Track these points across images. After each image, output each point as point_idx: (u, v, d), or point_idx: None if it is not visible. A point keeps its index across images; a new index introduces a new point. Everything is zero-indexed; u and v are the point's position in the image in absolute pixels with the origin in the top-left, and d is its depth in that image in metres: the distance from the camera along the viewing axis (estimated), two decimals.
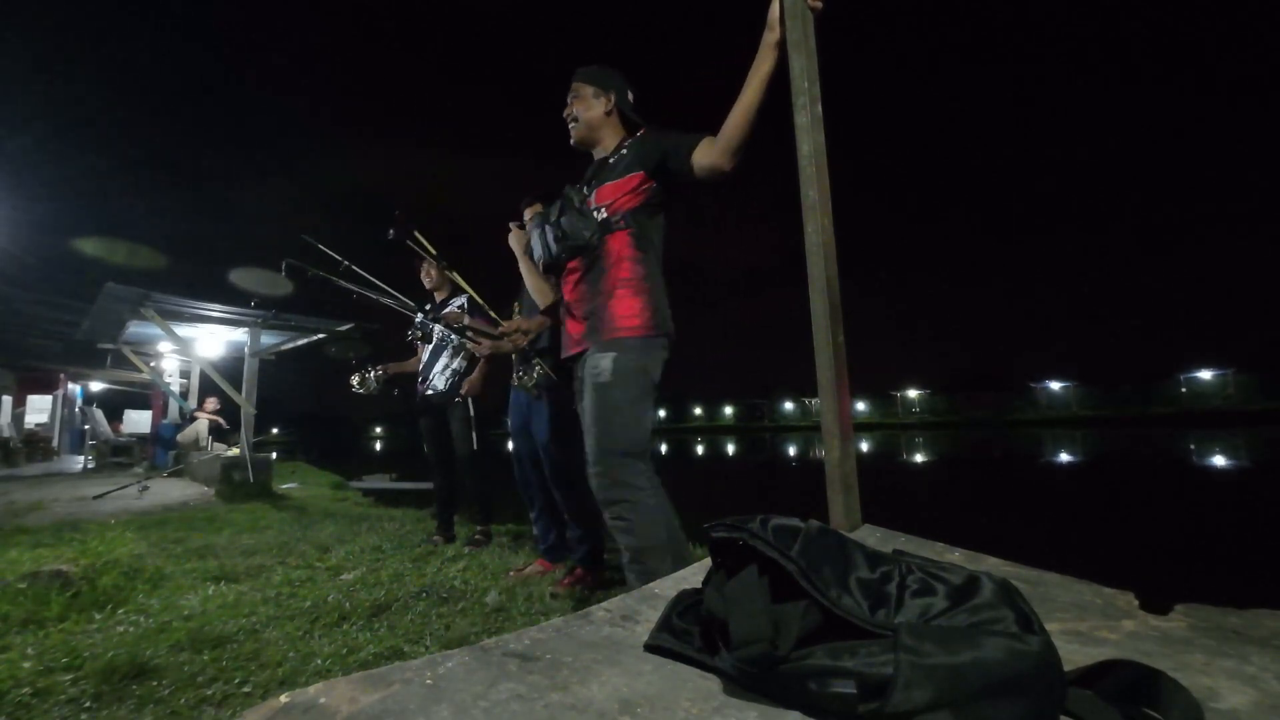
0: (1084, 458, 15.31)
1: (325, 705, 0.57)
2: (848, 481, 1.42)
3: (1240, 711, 0.59)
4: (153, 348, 9.30)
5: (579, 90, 1.78)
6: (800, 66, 1.47)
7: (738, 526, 0.69)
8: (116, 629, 1.87)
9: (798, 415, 61.85)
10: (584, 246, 1.63)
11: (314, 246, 2.59)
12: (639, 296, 1.59)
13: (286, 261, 2.42)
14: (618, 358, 1.54)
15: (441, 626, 1.87)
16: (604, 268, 1.62)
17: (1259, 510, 6.88)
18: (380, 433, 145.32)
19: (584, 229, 1.63)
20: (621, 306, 1.58)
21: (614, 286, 1.60)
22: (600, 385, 1.53)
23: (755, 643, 0.60)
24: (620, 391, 1.52)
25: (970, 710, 0.53)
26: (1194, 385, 37.27)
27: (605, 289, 1.61)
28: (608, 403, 1.53)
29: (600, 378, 1.54)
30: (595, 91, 1.77)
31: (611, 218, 1.63)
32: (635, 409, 1.53)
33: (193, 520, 4.12)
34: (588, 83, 1.77)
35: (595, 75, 1.78)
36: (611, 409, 1.52)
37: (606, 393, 1.53)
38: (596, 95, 1.77)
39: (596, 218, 1.64)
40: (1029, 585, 0.91)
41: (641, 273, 1.61)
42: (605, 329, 1.58)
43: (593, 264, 1.64)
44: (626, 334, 1.56)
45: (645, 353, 1.57)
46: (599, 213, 1.65)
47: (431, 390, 3.34)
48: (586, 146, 1.81)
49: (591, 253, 1.64)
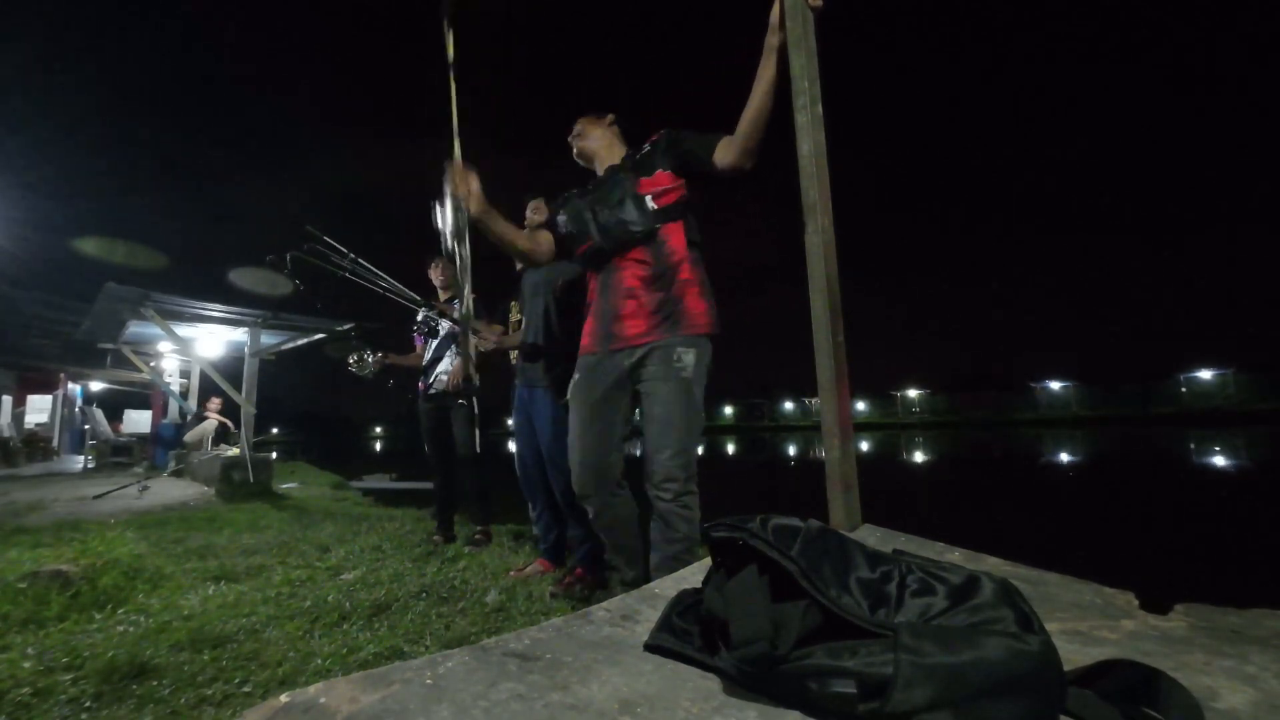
0: (1084, 458, 15.30)
1: (325, 705, 0.57)
2: (848, 481, 1.42)
3: (1240, 711, 0.59)
4: (153, 348, 9.30)
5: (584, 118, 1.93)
6: (800, 66, 1.47)
7: (738, 526, 0.70)
8: (116, 629, 1.87)
9: (798, 415, 61.84)
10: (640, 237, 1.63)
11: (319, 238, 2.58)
12: (704, 299, 1.63)
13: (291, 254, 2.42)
14: (700, 354, 1.58)
15: (441, 626, 1.87)
16: (671, 262, 1.62)
17: (1259, 510, 6.88)
18: (380, 433, 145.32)
19: (637, 219, 1.63)
20: (697, 304, 1.61)
21: (686, 284, 1.61)
22: (685, 380, 1.56)
23: (755, 642, 0.60)
24: (699, 388, 1.58)
25: (970, 710, 0.53)
26: (1194, 385, 37.25)
27: (677, 285, 1.61)
28: (691, 397, 1.57)
29: (684, 372, 1.56)
30: (596, 117, 1.93)
31: (663, 208, 1.64)
32: (701, 405, 1.61)
33: (193, 520, 4.12)
34: (589, 115, 1.94)
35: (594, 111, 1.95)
36: (692, 403, 1.57)
37: (691, 388, 1.56)
38: (598, 119, 1.93)
39: (652, 207, 1.64)
40: (1029, 585, 0.91)
41: (703, 273, 1.66)
42: (685, 325, 1.59)
43: (656, 253, 1.63)
44: (704, 330, 1.60)
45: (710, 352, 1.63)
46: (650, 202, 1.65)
47: (434, 389, 3.33)
48: (587, 160, 1.91)
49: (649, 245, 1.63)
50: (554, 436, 2.39)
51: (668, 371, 1.57)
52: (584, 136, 1.90)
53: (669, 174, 1.66)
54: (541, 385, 2.46)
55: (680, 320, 1.59)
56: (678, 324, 1.59)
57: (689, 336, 1.58)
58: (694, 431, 1.58)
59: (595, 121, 1.92)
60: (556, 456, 2.41)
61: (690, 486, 1.57)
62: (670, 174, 1.66)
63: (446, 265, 3.36)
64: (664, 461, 1.56)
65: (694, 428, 1.58)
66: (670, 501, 1.57)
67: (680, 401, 1.57)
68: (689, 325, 1.59)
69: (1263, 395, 32.28)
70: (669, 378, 1.57)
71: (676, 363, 1.57)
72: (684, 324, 1.59)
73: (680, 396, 1.57)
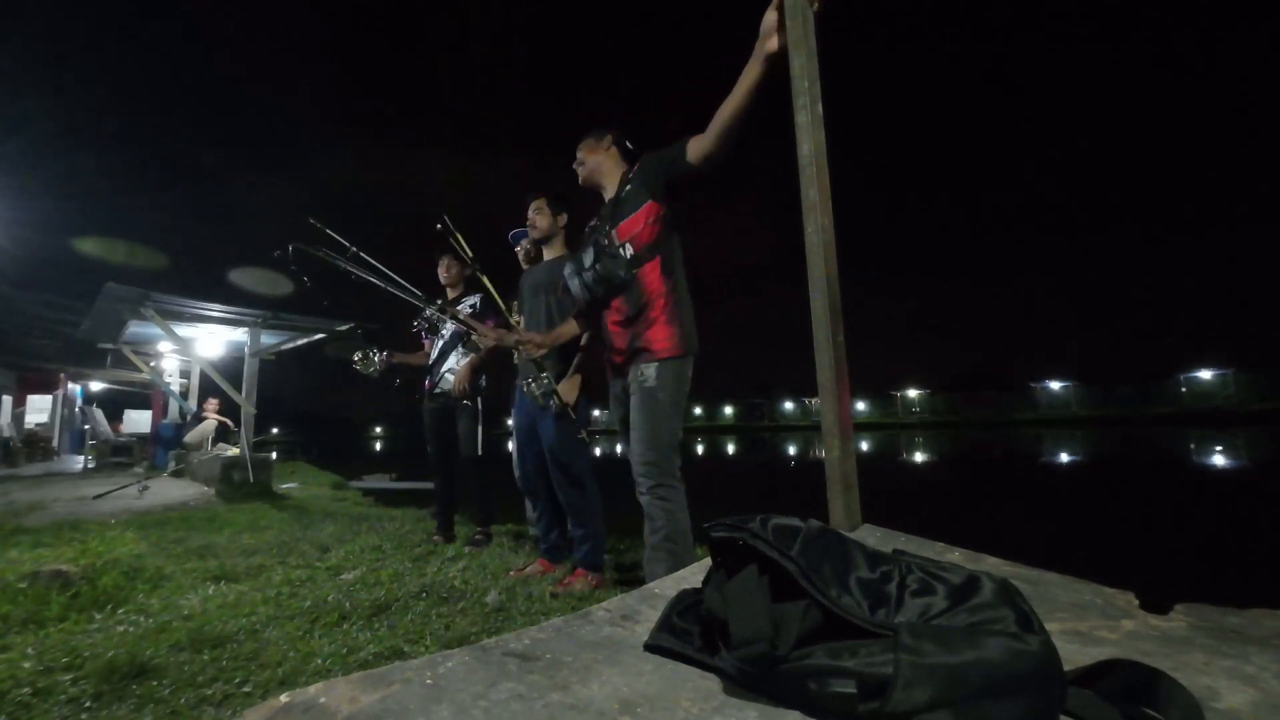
0: (1084, 457, 15.30)
1: (325, 705, 0.57)
2: (848, 481, 1.42)
3: (1240, 711, 0.59)
4: (153, 348, 9.30)
5: (584, 143, 2.06)
6: (800, 66, 1.47)
7: (738, 526, 0.69)
8: (116, 629, 1.87)
9: (798, 415, 61.82)
10: (621, 286, 1.84)
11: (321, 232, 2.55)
12: (671, 324, 1.80)
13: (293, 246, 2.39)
14: (660, 365, 1.78)
15: (441, 626, 1.87)
16: (642, 303, 1.82)
17: (1259, 510, 6.88)
18: (380, 433, 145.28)
19: (617, 270, 1.82)
20: (660, 333, 1.80)
21: (652, 320, 1.81)
22: (647, 389, 1.77)
23: (755, 642, 0.60)
24: (664, 394, 1.76)
25: (970, 710, 0.53)
26: (1194, 385, 37.24)
27: (644, 322, 1.82)
28: (655, 403, 1.76)
29: (646, 383, 1.78)
30: (595, 140, 2.05)
31: (639, 253, 1.83)
32: (675, 409, 1.78)
33: (193, 520, 4.12)
34: (589, 137, 2.06)
35: (594, 132, 2.06)
36: (657, 409, 1.76)
37: (653, 395, 1.76)
38: (598, 140, 2.05)
39: (625, 255, 1.84)
40: (1029, 585, 0.91)
41: (673, 301, 1.82)
42: (646, 356, 1.81)
43: (631, 299, 1.84)
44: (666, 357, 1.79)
45: (680, 366, 1.80)
46: (625, 249, 1.84)
47: (439, 389, 3.33)
48: (593, 185, 2.07)
49: (628, 289, 1.84)
50: (557, 437, 2.39)
51: (634, 386, 1.81)
52: (584, 165, 2.05)
53: (652, 204, 1.81)
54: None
55: (643, 353, 1.81)
56: (641, 355, 1.82)
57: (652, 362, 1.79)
58: (661, 433, 1.75)
59: (594, 148, 2.04)
60: (560, 456, 2.40)
61: (663, 480, 1.74)
62: (653, 203, 1.81)
63: (452, 263, 3.35)
64: (635, 462, 1.78)
65: (660, 430, 1.75)
66: (645, 495, 1.77)
67: (643, 408, 1.77)
68: (649, 356, 1.80)
69: (1263, 395, 32.28)
70: (634, 391, 1.81)
71: (640, 377, 1.80)
72: (645, 356, 1.81)
73: (643, 404, 1.77)
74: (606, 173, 2.03)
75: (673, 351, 1.78)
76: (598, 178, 2.05)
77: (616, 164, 2.03)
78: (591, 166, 2.05)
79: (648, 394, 1.77)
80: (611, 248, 1.84)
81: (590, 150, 2.05)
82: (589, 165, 2.05)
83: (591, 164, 2.04)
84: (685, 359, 1.81)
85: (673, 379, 1.77)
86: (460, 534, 3.40)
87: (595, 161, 2.04)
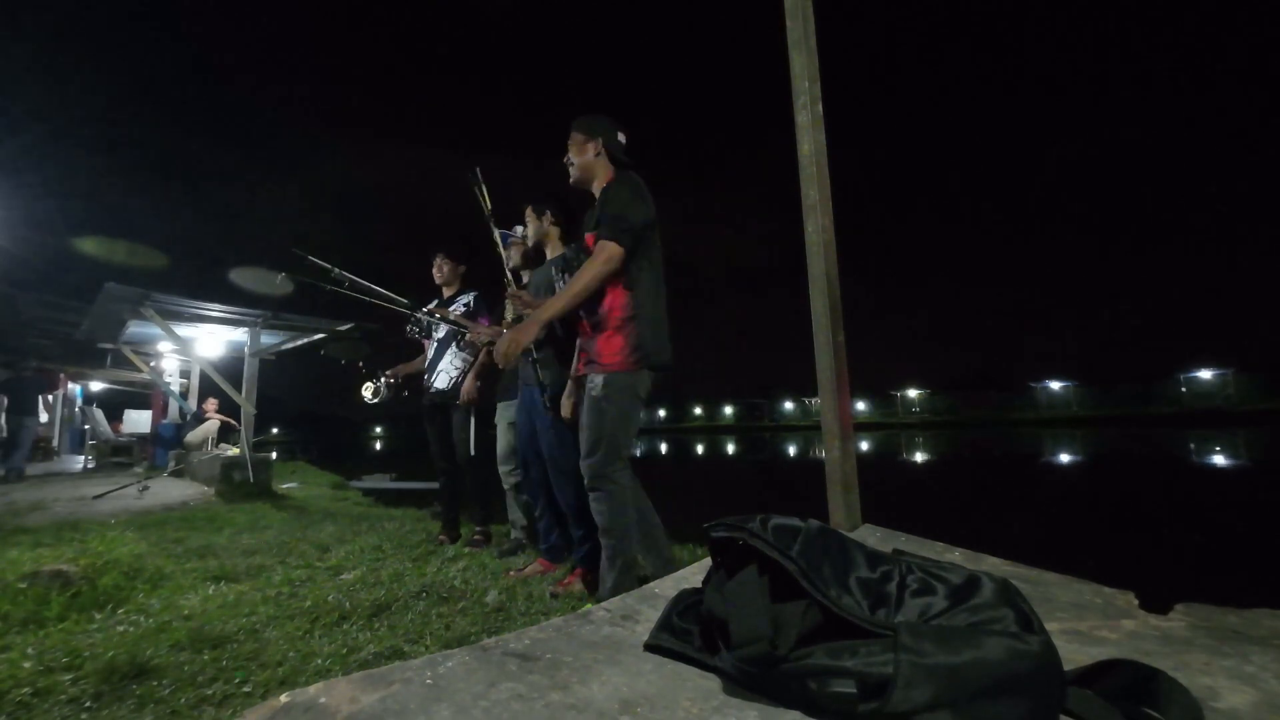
0: (1084, 457, 15.30)
1: (326, 705, 0.57)
2: (848, 481, 1.42)
3: (1240, 711, 0.59)
4: (153, 348, 9.30)
5: (573, 137, 2.04)
6: (800, 66, 1.47)
7: (738, 526, 0.69)
8: (116, 629, 1.87)
9: (798, 415, 61.81)
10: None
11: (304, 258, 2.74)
12: (623, 336, 1.85)
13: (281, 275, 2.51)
14: (607, 378, 1.84)
15: (441, 626, 1.87)
16: (599, 312, 1.89)
17: (1259, 510, 6.88)
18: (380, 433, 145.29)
19: None
20: (608, 345, 1.86)
21: (606, 331, 1.87)
22: (594, 398, 1.84)
23: (755, 642, 0.60)
24: (608, 404, 1.83)
25: (970, 709, 0.53)
26: (1194, 385, 37.24)
27: (602, 336, 1.88)
28: (600, 412, 1.83)
29: (594, 391, 1.85)
30: (585, 138, 2.02)
31: None
32: (620, 418, 1.84)
33: (193, 520, 4.12)
34: (579, 130, 2.03)
35: (585, 124, 2.03)
36: (602, 416, 1.83)
37: (599, 404, 1.84)
38: (586, 141, 2.02)
39: None
40: (1029, 585, 0.91)
41: (628, 314, 1.86)
42: (594, 364, 1.88)
43: (591, 307, 1.89)
44: (612, 370, 1.84)
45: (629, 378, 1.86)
46: None
47: (434, 389, 3.33)
48: (584, 187, 2.07)
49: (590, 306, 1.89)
50: (557, 439, 2.39)
51: (585, 392, 1.90)
52: (574, 167, 2.05)
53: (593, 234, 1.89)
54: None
55: (594, 361, 1.90)
56: (592, 364, 1.90)
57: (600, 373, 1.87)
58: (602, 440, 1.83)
59: (580, 149, 2.03)
60: (559, 458, 2.40)
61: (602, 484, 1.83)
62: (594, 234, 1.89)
63: (444, 261, 3.37)
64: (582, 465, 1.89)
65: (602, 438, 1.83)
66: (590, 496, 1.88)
67: (588, 414, 1.86)
68: (600, 366, 1.87)
69: (1263, 395, 32.28)
70: (586, 399, 1.90)
71: (589, 385, 1.88)
72: (597, 365, 1.88)
73: (589, 411, 1.86)
74: (593, 175, 2.02)
75: (622, 365, 1.84)
76: (587, 180, 2.04)
77: (605, 167, 2.01)
78: (580, 168, 2.03)
79: (594, 402, 1.84)
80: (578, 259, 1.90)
81: (579, 149, 2.03)
82: (577, 166, 2.03)
83: (580, 164, 2.03)
84: (636, 373, 1.85)
85: (619, 391, 1.83)
86: (461, 534, 3.40)
87: (583, 163, 2.02)
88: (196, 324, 7.37)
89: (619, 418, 1.84)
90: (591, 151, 2.01)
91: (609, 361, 1.85)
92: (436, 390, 3.32)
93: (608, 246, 1.79)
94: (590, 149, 2.01)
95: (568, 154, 2.05)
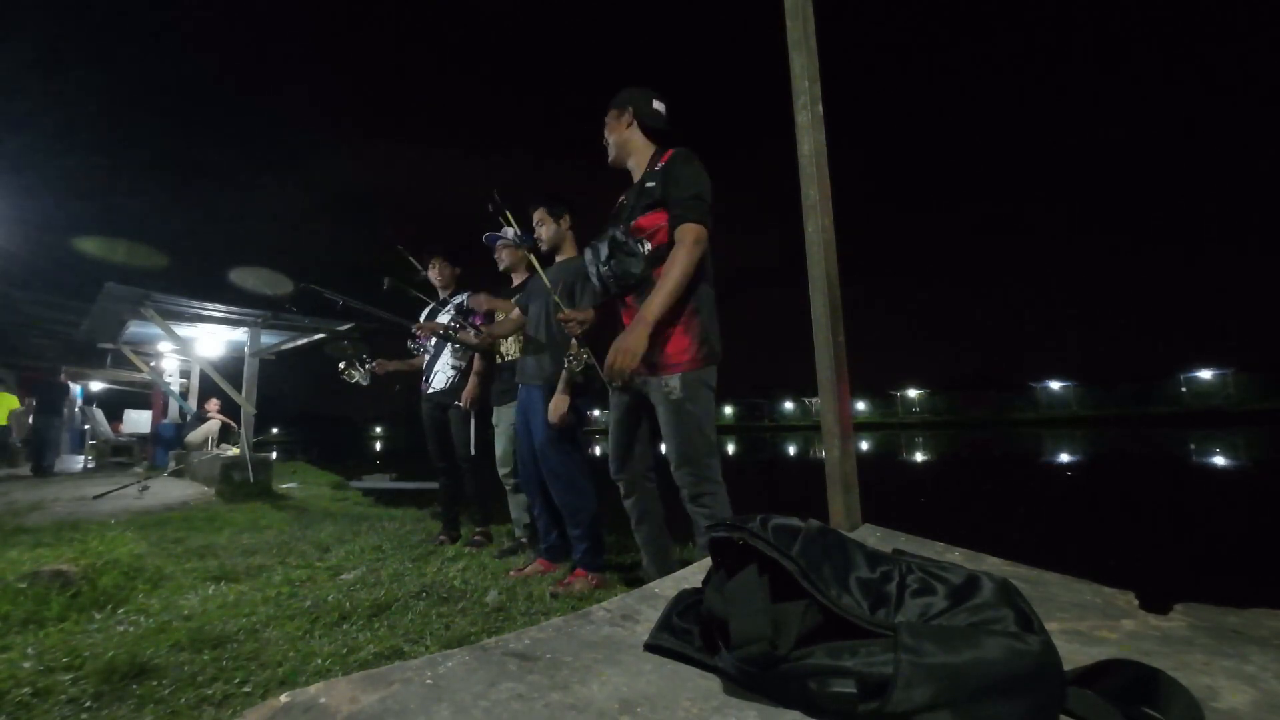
0: (1084, 457, 15.30)
1: (325, 705, 0.57)
2: (848, 481, 1.42)
3: (1240, 711, 0.59)
4: (153, 348, 9.30)
5: (608, 118, 1.90)
6: (800, 66, 1.47)
7: (738, 526, 0.69)
8: (116, 629, 1.87)
9: (798, 415, 61.82)
10: (636, 283, 1.74)
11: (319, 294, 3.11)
12: (688, 334, 1.70)
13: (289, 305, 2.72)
14: (684, 378, 1.68)
15: (441, 626, 1.87)
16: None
17: (1259, 510, 6.88)
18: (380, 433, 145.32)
19: (631, 268, 1.72)
20: (673, 344, 1.70)
21: (669, 326, 1.69)
22: (674, 401, 1.68)
23: (755, 642, 0.60)
24: (693, 405, 1.68)
25: (970, 709, 0.53)
26: (1194, 385, 37.26)
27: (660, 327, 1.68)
28: (684, 414, 1.68)
29: (673, 395, 1.68)
30: (617, 112, 1.87)
31: (659, 250, 1.71)
32: (706, 417, 1.71)
33: (193, 520, 4.12)
34: (612, 107, 1.89)
35: (616, 99, 1.89)
36: (687, 419, 1.68)
37: (681, 408, 1.68)
38: (619, 115, 1.87)
39: (643, 251, 1.72)
40: (1029, 585, 0.91)
41: (690, 307, 1.70)
42: (662, 365, 1.70)
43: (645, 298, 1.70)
44: (682, 370, 1.69)
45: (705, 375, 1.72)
46: (643, 245, 1.72)
47: (433, 389, 3.34)
48: (620, 165, 1.91)
49: (643, 289, 1.72)
50: (549, 438, 2.39)
51: (660, 396, 1.72)
52: (610, 146, 1.91)
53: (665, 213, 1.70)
54: (536, 383, 2.47)
55: (660, 363, 1.70)
56: (658, 366, 1.70)
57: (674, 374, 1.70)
58: (694, 443, 1.68)
59: (614, 124, 1.89)
60: (550, 456, 2.40)
61: (705, 489, 1.67)
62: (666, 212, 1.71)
63: (443, 264, 3.41)
64: (674, 473, 1.72)
65: (692, 440, 1.68)
66: (689, 504, 1.71)
67: (671, 421, 1.70)
68: (667, 367, 1.69)
69: (1263, 395, 32.28)
70: (661, 402, 1.72)
71: (665, 388, 1.70)
72: (663, 366, 1.70)
73: (671, 416, 1.70)
74: (632, 152, 1.86)
75: (695, 363, 1.70)
76: (624, 158, 1.89)
77: (644, 143, 1.86)
78: (615, 145, 1.88)
79: (676, 406, 1.69)
80: (628, 244, 1.72)
81: (612, 127, 1.88)
82: (612, 145, 1.89)
83: (614, 142, 1.88)
84: (708, 369, 1.73)
85: (698, 389, 1.70)
86: (461, 534, 3.41)
87: (618, 140, 1.87)
88: (196, 324, 7.38)
89: (706, 416, 1.71)
90: (624, 124, 1.87)
91: (680, 360, 1.70)
92: (435, 390, 3.33)
93: (695, 229, 1.63)
94: (623, 122, 1.87)
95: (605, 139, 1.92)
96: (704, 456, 1.69)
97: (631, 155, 1.87)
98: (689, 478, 1.68)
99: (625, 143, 1.87)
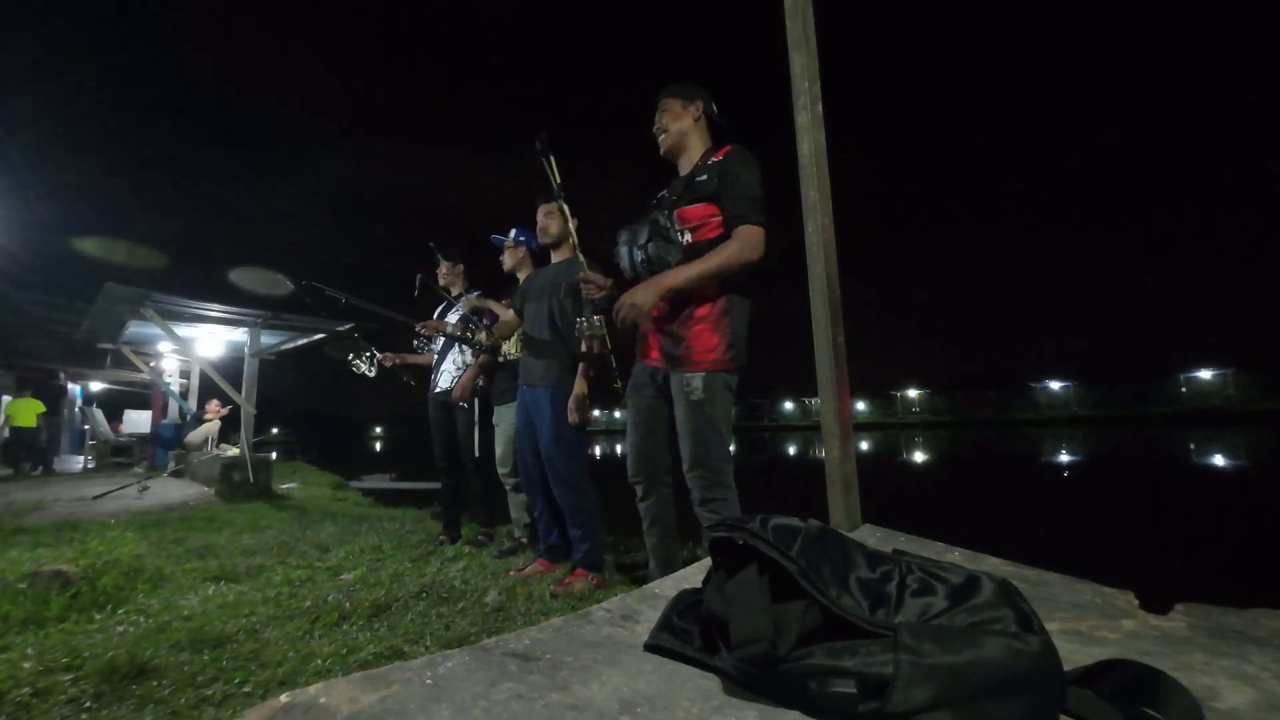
0: (1084, 457, 15.30)
1: (325, 705, 0.57)
2: (848, 481, 1.42)
3: (1240, 711, 0.59)
4: (153, 348, 9.30)
5: (668, 105, 1.86)
6: (800, 66, 1.47)
7: (738, 526, 0.69)
8: (116, 629, 1.87)
9: (798, 415, 61.82)
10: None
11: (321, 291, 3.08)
12: (717, 333, 1.68)
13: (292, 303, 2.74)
14: (707, 378, 1.67)
15: (441, 626, 1.87)
16: (687, 301, 1.70)
17: (1259, 510, 6.88)
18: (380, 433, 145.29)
19: (668, 257, 1.70)
20: (700, 342, 1.68)
21: (698, 323, 1.69)
22: (695, 402, 1.67)
23: (755, 642, 0.60)
24: (712, 408, 1.67)
25: (970, 710, 0.53)
26: (1194, 385, 37.27)
27: (689, 323, 1.70)
28: (703, 416, 1.67)
29: (694, 395, 1.67)
30: (683, 103, 1.85)
31: (698, 244, 1.69)
32: (725, 421, 1.70)
33: (193, 520, 4.12)
34: (675, 96, 1.86)
35: (682, 90, 1.87)
36: (705, 421, 1.67)
37: (701, 409, 1.67)
38: (684, 105, 1.85)
39: (682, 242, 1.70)
40: (1029, 585, 0.91)
41: (722, 306, 1.69)
42: (686, 361, 1.69)
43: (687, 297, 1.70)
44: (706, 369, 1.68)
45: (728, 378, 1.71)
46: (684, 236, 1.71)
47: (439, 388, 3.34)
48: (675, 156, 1.88)
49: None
50: (553, 438, 2.39)
51: (681, 395, 1.70)
52: (667, 133, 1.85)
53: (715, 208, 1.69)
54: (542, 385, 2.46)
55: (684, 359, 1.69)
56: (681, 361, 1.70)
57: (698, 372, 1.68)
58: (710, 446, 1.67)
59: (679, 114, 1.85)
60: (554, 457, 2.40)
61: (716, 494, 1.67)
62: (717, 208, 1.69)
63: (450, 267, 3.41)
64: (686, 475, 1.72)
65: (709, 443, 1.67)
66: (698, 507, 1.71)
67: (689, 421, 1.68)
68: (691, 364, 1.68)
69: (1263, 395, 32.28)
70: (681, 400, 1.70)
71: (686, 387, 1.68)
72: (687, 363, 1.69)
73: (689, 417, 1.68)
74: (690, 145, 1.84)
75: (721, 364, 1.68)
76: (678, 150, 1.85)
77: (702, 137, 1.85)
78: (675, 135, 1.84)
79: (696, 407, 1.67)
80: (670, 230, 1.70)
81: (675, 115, 1.84)
82: (672, 133, 1.84)
83: (675, 132, 1.84)
84: (733, 373, 1.71)
85: (720, 391, 1.68)
86: (462, 534, 3.40)
87: (679, 129, 1.83)
88: (196, 324, 7.38)
89: (725, 421, 1.70)
90: (690, 116, 1.84)
91: (706, 359, 1.68)
92: (441, 390, 3.33)
93: (757, 232, 1.61)
94: (689, 114, 1.84)
95: (659, 121, 1.87)
96: (718, 461, 1.68)
97: (688, 148, 1.85)
98: (701, 481, 1.68)
99: (686, 134, 1.84)
